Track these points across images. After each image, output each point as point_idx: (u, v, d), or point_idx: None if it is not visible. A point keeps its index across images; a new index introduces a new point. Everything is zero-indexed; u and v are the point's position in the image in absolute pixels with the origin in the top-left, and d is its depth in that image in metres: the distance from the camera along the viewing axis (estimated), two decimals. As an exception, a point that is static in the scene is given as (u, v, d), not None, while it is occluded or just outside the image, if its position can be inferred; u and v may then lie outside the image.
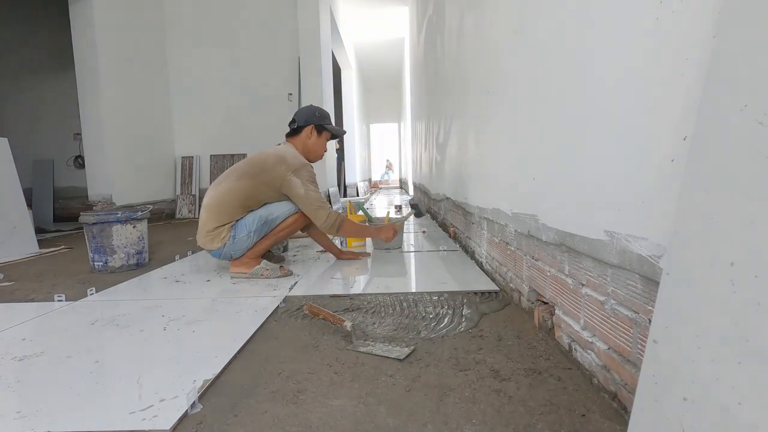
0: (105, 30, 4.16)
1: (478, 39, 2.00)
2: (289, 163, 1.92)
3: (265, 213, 1.92)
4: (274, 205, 1.95)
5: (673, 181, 0.65)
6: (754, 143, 0.46)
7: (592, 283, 0.92)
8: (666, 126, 0.68)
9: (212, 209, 1.92)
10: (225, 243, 1.90)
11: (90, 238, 2.18)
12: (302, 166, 1.94)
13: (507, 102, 1.55)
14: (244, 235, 1.90)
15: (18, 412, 0.86)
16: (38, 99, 5.59)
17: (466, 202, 2.37)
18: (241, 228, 1.90)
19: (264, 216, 1.92)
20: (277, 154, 1.97)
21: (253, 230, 1.91)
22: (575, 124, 1.00)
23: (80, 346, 1.19)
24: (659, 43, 0.70)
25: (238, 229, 1.90)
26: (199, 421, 0.81)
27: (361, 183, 10.49)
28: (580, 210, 0.98)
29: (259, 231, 1.92)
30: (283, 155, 1.95)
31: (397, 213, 4.45)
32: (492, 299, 1.53)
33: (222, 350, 1.13)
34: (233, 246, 1.91)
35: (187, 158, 5.37)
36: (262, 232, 1.93)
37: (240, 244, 1.91)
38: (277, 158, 1.94)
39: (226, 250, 1.93)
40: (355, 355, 1.08)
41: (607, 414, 0.79)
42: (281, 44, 5.25)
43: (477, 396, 0.87)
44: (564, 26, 1.06)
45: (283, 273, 1.93)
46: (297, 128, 2.07)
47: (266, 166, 1.93)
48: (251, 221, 1.91)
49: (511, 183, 1.51)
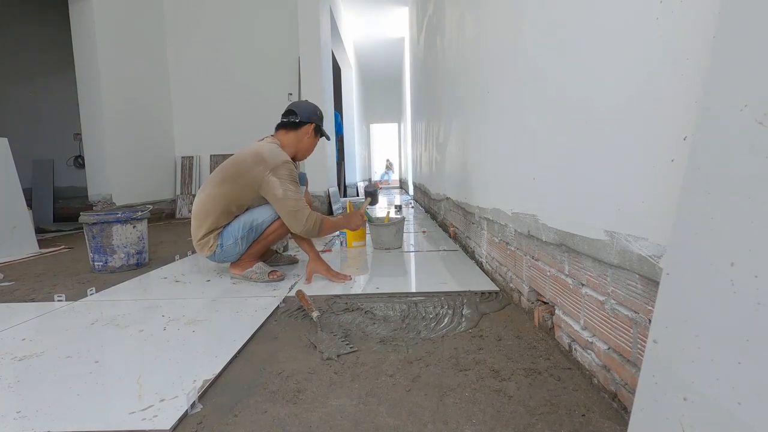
0: (105, 30, 4.16)
1: (478, 39, 2.00)
2: (267, 162, 1.79)
3: (250, 219, 1.85)
4: (257, 210, 1.87)
5: (673, 181, 0.65)
6: (754, 143, 0.46)
7: (592, 283, 0.92)
8: (666, 126, 0.68)
9: (198, 217, 1.88)
10: (214, 251, 1.88)
11: (90, 238, 2.18)
12: (282, 164, 1.81)
13: (507, 102, 1.55)
14: (231, 242, 1.85)
15: (18, 412, 0.86)
16: (38, 99, 5.59)
17: (466, 201, 2.37)
18: (227, 236, 1.86)
19: (248, 222, 1.85)
20: (256, 152, 1.84)
21: (240, 237, 1.85)
22: (575, 123, 1.00)
23: (80, 346, 1.19)
24: (659, 42, 0.70)
25: (225, 237, 1.86)
26: (199, 421, 0.81)
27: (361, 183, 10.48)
28: (580, 210, 0.98)
29: (246, 237, 1.86)
30: (262, 153, 1.82)
31: (397, 213, 4.45)
32: (492, 299, 1.53)
33: (222, 350, 1.13)
34: (223, 254, 1.88)
35: (187, 158, 5.37)
36: (250, 239, 1.87)
37: (229, 251, 1.87)
38: (254, 157, 1.82)
39: (217, 257, 1.91)
40: (355, 355, 1.08)
41: (607, 414, 0.79)
42: (281, 44, 5.26)
43: (477, 396, 0.87)
44: (564, 26, 1.06)
45: (272, 278, 1.86)
46: (299, 123, 1.96)
47: (244, 166, 1.82)
48: (237, 228, 1.85)
49: (511, 183, 1.51)
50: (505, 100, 1.57)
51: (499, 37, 1.64)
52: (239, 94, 5.33)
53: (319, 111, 2.03)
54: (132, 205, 4.36)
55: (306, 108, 2.00)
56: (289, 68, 5.27)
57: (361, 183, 10.31)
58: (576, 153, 1.00)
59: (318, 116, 2.01)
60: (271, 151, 1.85)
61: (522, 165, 1.38)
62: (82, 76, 4.11)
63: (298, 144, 1.98)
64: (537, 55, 1.25)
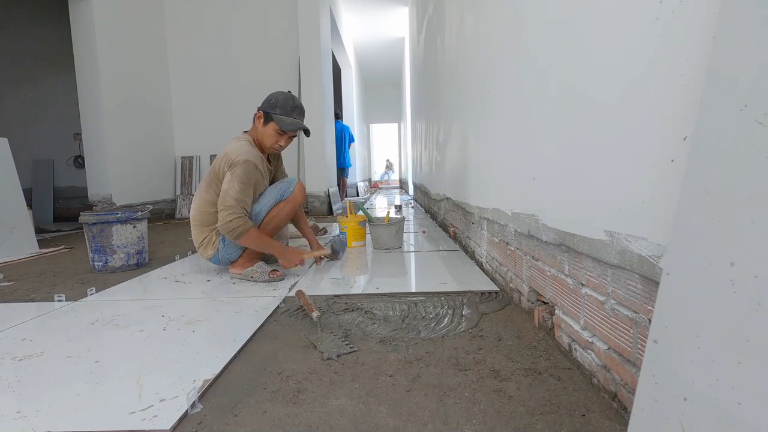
0: (105, 30, 4.16)
1: (478, 39, 2.00)
2: (228, 158, 1.84)
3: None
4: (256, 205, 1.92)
5: (673, 181, 0.65)
6: (754, 143, 0.46)
7: (592, 283, 0.92)
8: (666, 126, 0.68)
9: (195, 221, 1.97)
10: (217, 248, 1.94)
11: (90, 238, 2.18)
12: (240, 163, 1.81)
13: (507, 102, 1.55)
14: None
15: (18, 412, 0.86)
16: (38, 99, 5.59)
17: (466, 202, 2.37)
18: None
19: None
20: (226, 150, 1.90)
21: None
22: (575, 123, 1.00)
23: (80, 346, 1.19)
24: (659, 42, 0.70)
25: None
26: (199, 421, 0.81)
27: (361, 183, 10.48)
28: (580, 210, 0.98)
29: None
30: (228, 151, 1.88)
31: (396, 213, 4.45)
32: (492, 299, 1.53)
33: (222, 350, 1.13)
34: (226, 249, 1.93)
35: (187, 158, 5.37)
36: None
37: (231, 247, 1.93)
38: (223, 156, 1.88)
39: (222, 255, 1.95)
40: (355, 355, 1.08)
41: (607, 414, 0.79)
42: (281, 44, 5.26)
43: (477, 396, 0.87)
44: (564, 26, 1.06)
45: (272, 277, 1.87)
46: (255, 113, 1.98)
47: (217, 167, 1.89)
48: None
49: (511, 183, 1.51)
50: (505, 99, 1.57)
51: (498, 37, 1.64)
52: (239, 94, 5.33)
53: (274, 98, 1.95)
54: (132, 205, 4.36)
55: (267, 97, 1.98)
56: (289, 68, 5.27)
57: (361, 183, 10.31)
58: (576, 153, 1.00)
59: (269, 103, 1.94)
60: (235, 148, 1.87)
61: (522, 165, 1.38)
62: (82, 76, 4.11)
63: (257, 135, 1.97)
64: (537, 55, 1.25)
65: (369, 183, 13.37)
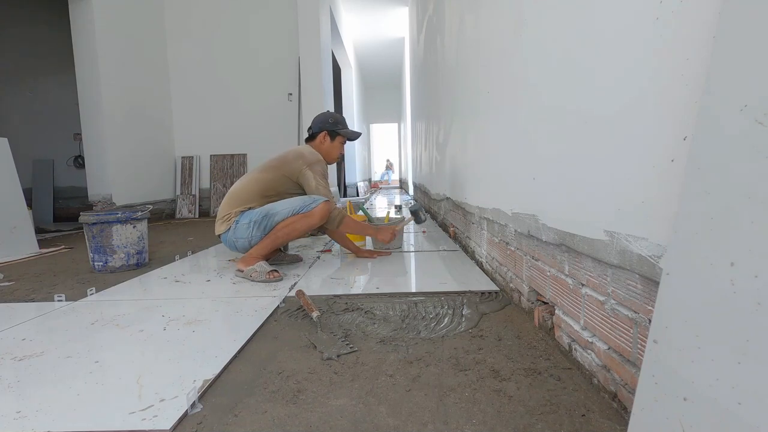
0: (105, 30, 4.16)
1: (478, 39, 2.00)
2: (305, 158, 2.16)
3: (268, 207, 2.03)
4: (278, 203, 2.04)
5: (673, 181, 0.65)
6: (754, 143, 0.46)
7: (592, 283, 0.92)
8: (666, 126, 0.68)
9: (232, 195, 2.12)
10: (230, 227, 2.04)
11: (90, 238, 2.18)
12: (317, 161, 2.17)
13: (507, 102, 1.55)
14: (245, 222, 2.01)
15: (18, 412, 0.86)
16: (38, 99, 5.59)
17: (466, 202, 2.37)
18: (245, 216, 2.02)
19: (266, 210, 2.02)
20: (297, 151, 2.23)
21: (254, 221, 2.00)
22: (575, 124, 1.00)
23: (80, 346, 1.19)
24: (659, 43, 0.70)
25: (244, 216, 2.03)
26: (199, 421, 0.81)
27: (361, 183, 10.48)
28: (580, 210, 0.98)
29: (258, 223, 1.99)
30: (302, 152, 2.21)
31: (396, 213, 4.45)
32: (492, 299, 1.53)
33: (222, 350, 1.13)
34: (235, 232, 2.03)
35: (187, 158, 5.37)
36: (262, 225, 1.99)
37: (241, 232, 2.01)
38: (296, 154, 2.20)
39: (230, 235, 2.05)
40: (355, 355, 1.08)
41: (607, 414, 0.79)
42: (281, 44, 5.26)
43: (477, 396, 0.87)
44: (564, 26, 1.06)
45: (270, 278, 1.89)
46: (312, 135, 2.30)
47: (287, 160, 2.18)
48: (256, 212, 2.02)
49: (511, 183, 1.51)
50: (506, 99, 1.57)
51: (498, 37, 1.64)
52: (240, 94, 5.33)
53: (331, 117, 2.31)
54: (132, 205, 4.36)
55: (318, 120, 2.33)
56: (289, 68, 5.27)
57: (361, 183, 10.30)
58: (576, 153, 1.00)
59: (330, 123, 2.30)
60: (309, 151, 2.24)
61: (522, 165, 1.38)
62: (82, 76, 4.12)
63: (321, 150, 2.30)
64: (536, 55, 1.25)
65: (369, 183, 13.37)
